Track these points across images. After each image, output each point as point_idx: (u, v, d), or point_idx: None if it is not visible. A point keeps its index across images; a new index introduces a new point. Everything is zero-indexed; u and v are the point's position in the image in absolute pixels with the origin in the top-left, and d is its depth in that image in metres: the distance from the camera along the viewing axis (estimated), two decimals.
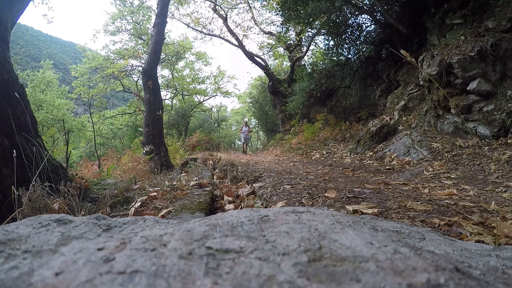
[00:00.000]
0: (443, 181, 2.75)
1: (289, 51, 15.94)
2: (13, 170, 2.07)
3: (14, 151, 2.07)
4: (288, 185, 2.49)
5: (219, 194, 3.01)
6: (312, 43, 15.25)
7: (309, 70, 11.86)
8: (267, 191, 2.34)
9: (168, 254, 0.43)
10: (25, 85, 10.21)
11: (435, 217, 1.45)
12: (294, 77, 13.21)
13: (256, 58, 16.10)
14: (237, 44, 16.13)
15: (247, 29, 17.79)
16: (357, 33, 9.45)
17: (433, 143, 4.45)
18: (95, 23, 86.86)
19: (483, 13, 5.13)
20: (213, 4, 15.81)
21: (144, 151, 6.15)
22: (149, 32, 16.32)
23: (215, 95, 23.78)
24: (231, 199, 2.65)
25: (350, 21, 9.25)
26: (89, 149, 19.26)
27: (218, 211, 2.43)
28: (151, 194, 2.55)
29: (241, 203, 2.49)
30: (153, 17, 11.56)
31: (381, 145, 5.88)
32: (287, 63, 18.75)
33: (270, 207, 1.44)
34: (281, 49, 17.67)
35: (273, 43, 16.90)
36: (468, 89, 4.53)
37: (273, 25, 16.11)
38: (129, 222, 0.71)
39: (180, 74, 22.19)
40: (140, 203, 2.23)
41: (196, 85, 22.75)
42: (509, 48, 4.37)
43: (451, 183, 2.64)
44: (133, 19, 17.45)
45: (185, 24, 17.04)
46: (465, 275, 0.38)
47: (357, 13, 8.98)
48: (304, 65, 14.74)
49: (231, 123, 32.33)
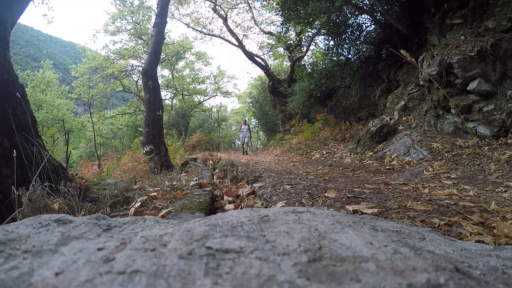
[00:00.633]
0: (443, 181, 2.75)
1: (289, 51, 15.93)
2: (13, 170, 2.07)
3: (14, 151, 2.07)
4: (288, 185, 2.49)
5: (219, 194, 3.01)
6: (312, 43, 15.25)
7: (309, 70, 11.85)
8: (267, 191, 2.34)
9: (168, 254, 0.43)
10: (25, 85, 10.20)
11: (435, 217, 1.45)
12: (294, 77, 13.20)
13: (256, 58, 16.09)
14: (237, 44, 16.12)
15: (247, 29, 17.79)
16: (357, 33, 9.45)
17: (433, 143, 4.45)
18: (95, 23, 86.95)
19: (483, 13, 5.13)
20: (213, 4, 15.81)
21: (144, 151, 6.14)
22: (149, 32, 16.33)
23: (215, 95, 23.82)
24: (231, 199, 2.65)
25: (350, 21, 9.25)
26: (89, 149, 19.27)
27: (218, 211, 2.43)
28: (151, 194, 2.56)
29: (241, 203, 2.49)
30: (153, 17, 11.55)
31: (381, 145, 5.88)
32: (287, 63, 18.74)
33: (270, 207, 1.44)
34: (281, 49, 17.67)
35: (273, 43, 16.90)
36: (468, 89, 4.53)
37: (273, 25, 16.13)
38: (129, 222, 0.71)
39: (180, 74, 22.19)
40: (140, 203, 2.23)
41: (196, 85, 22.76)
42: (509, 48, 4.37)
43: (451, 183, 2.64)
44: (133, 19, 17.46)
45: (185, 24, 17.04)
46: (465, 275, 0.38)
47: (357, 13, 8.98)
48: (304, 65, 14.74)
49: (231, 123, 32.32)
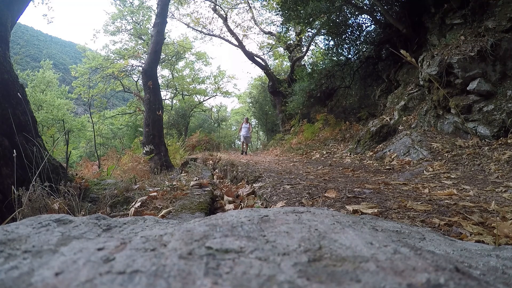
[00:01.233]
0: (443, 181, 2.75)
1: (289, 51, 15.92)
2: (13, 170, 2.07)
3: (14, 151, 2.07)
4: (288, 185, 2.49)
5: (219, 194, 3.01)
6: (312, 43, 15.24)
7: (309, 70, 11.85)
8: (267, 191, 2.34)
9: (168, 254, 0.43)
10: (25, 85, 10.21)
11: (435, 217, 1.45)
12: (294, 77, 13.20)
13: (256, 58, 16.09)
14: (237, 44, 16.12)
15: (247, 29, 17.76)
16: (357, 33, 9.45)
17: (433, 143, 4.45)
18: (95, 23, 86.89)
19: (483, 13, 5.14)
20: (213, 4, 15.80)
21: (144, 151, 6.14)
22: (149, 32, 16.33)
23: (215, 95, 23.81)
24: (231, 199, 2.65)
25: (350, 21, 9.25)
26: (89, 149, 19.26)
27: (218, 211, 2.42)
28: (151, 194, 2.56)
29: (241, 203, 2.49)
30: (153, 17, 11.55)
31: (381, 145, 5.88)
32: (287, 63, 18.74)
33: (270, 207, 1.44)
34: (281, 49, 17.66)
35: (273, 43, 16.89)
36: (468, 89, 4.53)
37: (273, 25, 16.12)
38: (129, 222, 0.71)
39: (180, 74, 22.19)
40: (140, 203, 2.23)
41: (196, 85, 22.75)
42: (509, 48, 4.37)
43: (451, 183, 2.64)
44: (133, 19, 17.45)
45: (185, 24, 17.04)
46: (465, 275, 0.38)
47: (357, 13, 8.98)
48: (304, 65, 14.73)
49: (231, 123, 32.32)
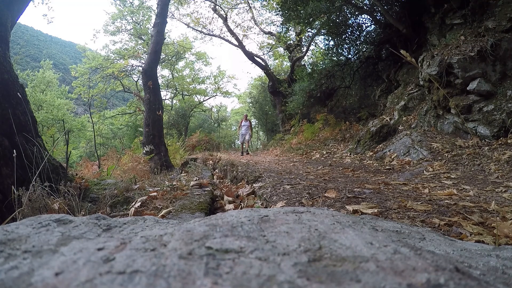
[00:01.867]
0: (443, 181, 2.75)
1: (289, 51, 15.92)
2: (13, 170, 2.07)
3: (14, 151, 2.07)
4: (288, 185, 2.49)
5: (219, 194, 3.01)
6: (312, 43, 15.24)
7: (309, 70, 11.85)
8: (267, 191, 2.34)
9: (168, 254, 0.43)
10: (25, 85, 10.21)
11: (435, 217, 1.45)
12: (294, 77, 13.20)
13: (256, 58, 16.08)
14: (237, 44, 16.11)
15: (247, 29, 17.76)
16: (357, 33, 9.45)
17: (433, 143, 4.45)
18: (95, 23, 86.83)
19: (483, 13, 5.13)
20: (213, 4, 15.80)
21: (144, 151, 6.14)
22: (149, 32, 16.33)
23: (215, 95, 23.82)
24: (231, 199, 2.65)
25: (350, 21, 9.24)
26: (89, 149, 19.26)
27: (218, 211, 2.42)
28: (151, 194, 2.56)
29: (241, 203, 2.49)
30: (153, 17, 11.55)
31: (381, 145, 5.88)
32: (287, 63, 18.74)
33: (270, 207, 1.44)
34: (281, 49, 17.65)
35: (273, 43, 16.88)
36: (468, 89, 4.53)
37: (273, 25, 16.11)
38: (129, 222, 0.71)
39: (180, 74, 22.19)
40: (140, 203, 2.23)
41: (196, 85, 22.76)
42: (509, 48, 4.37)
43: (451, 183, 2.64)
44: (133, 19, 17.45)
45: (185, 24, 17.03)
46: (465, 275, 0.38)
47: (357, 13, 8.98)
48: (304, 65, 14.73)
49: (231, 123, 32.33)
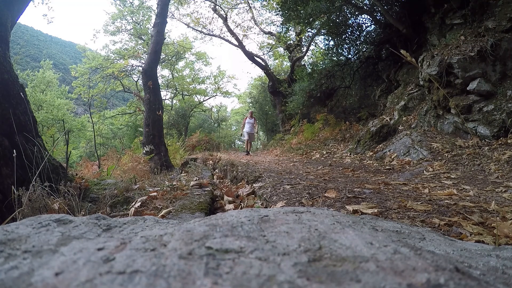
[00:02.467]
0: (443, 181, 2.75)
1: (289, 51, 15.92)
2: (13, 170, 2.07)
3: (14, 151, 2.07)
4: (288, 185, 2.49)
5: (219, 194, 3.01)
6: (312, 43, 15.24)
7: (309, 70, 11.84)
8: (267, 191, 2.34)
9: (168, 254, 0.43)
10: (25, 85, 10.21)
11: (435, 217, 1.45)
12: (294, 77, 13.20)
13: (256, 58, 16.08)
14: (237, 44, 16.11)
15: (247, 29, 17.73)
16: (357, 33, 9.45)
17: (433, 143, 4.45)
18: (95, 23, 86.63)
19: (483, 13, 5.13)
20: (213, 4, 15.80)
21: (144, 151, 6.14)
22: (149, 32, 16.32)
23: (215, 95, 23.80)
24: (231, 199, 2.65)
25: (350, 21, 9.24)
26: (89, 149, 19.25)
27: (218, 211, 2.42)
28: (151, 194, 2.56)
29: (241, 203, 2.49)
30: (153, 17, 11.55)
31: (381, 145, 5.88)
32: (287, 63, 18.73)
33: (270, 207, 1.44)
34: (281, 49, 17.65)
35: (273, 43, 16.88)
36: (468, 89, 4.53)
37: (273, 25, 16.10)
38: (129, 222, 0.71)
39: (180, 74, 22.18)
40: (140, 203, 2.23)
41: (196, 85, 22.75)
42: (509, 48, 4.37)
43: (451, 183, 2.64)
44: (133, 19, 17.45)
45: (185, 24, 17.02)
46: (465, 275, 0.38)
47: (357, 13, 8.98)
48: (304, 65, 14.73)
49: (231, 123, 32.33)
